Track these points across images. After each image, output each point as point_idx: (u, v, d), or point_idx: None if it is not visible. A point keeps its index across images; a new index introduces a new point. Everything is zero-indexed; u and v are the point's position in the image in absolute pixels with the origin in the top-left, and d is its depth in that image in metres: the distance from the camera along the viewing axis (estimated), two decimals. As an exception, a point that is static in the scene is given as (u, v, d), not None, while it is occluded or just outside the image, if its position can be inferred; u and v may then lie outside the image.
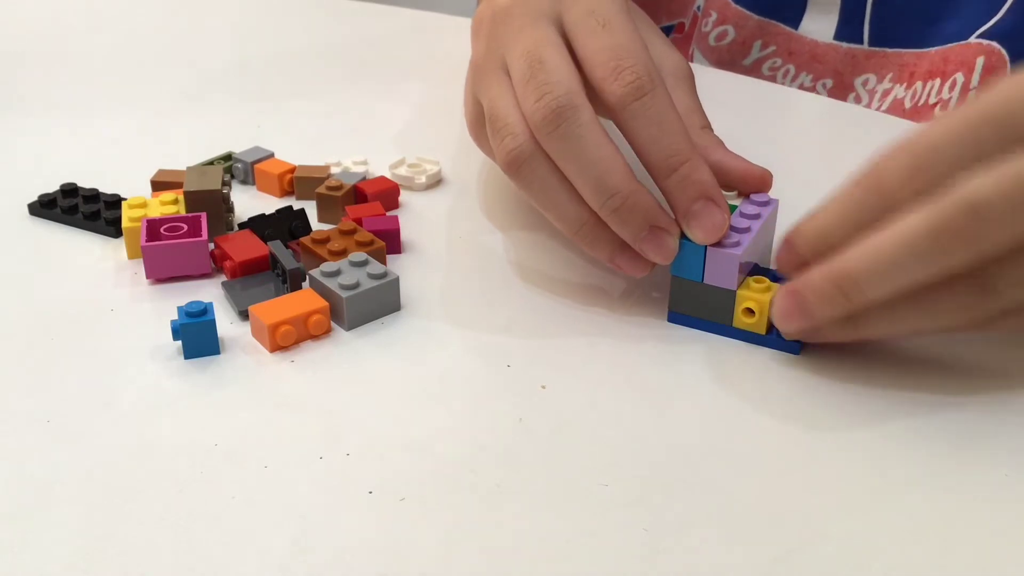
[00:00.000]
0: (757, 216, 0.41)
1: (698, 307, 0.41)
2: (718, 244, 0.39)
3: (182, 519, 0.32)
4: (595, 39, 0.41)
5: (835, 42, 0.67)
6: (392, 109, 0.64)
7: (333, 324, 0.42)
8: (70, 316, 0.43)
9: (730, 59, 0.72)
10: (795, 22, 0.69)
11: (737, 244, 0.39)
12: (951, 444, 0.36)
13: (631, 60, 0.39)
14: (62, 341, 0.41)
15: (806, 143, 0.61)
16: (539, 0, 0.43)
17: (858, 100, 0.67)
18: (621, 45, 0.40)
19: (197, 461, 0.35)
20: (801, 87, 0.69)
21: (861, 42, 0.66)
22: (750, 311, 0.40)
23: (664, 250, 0.40)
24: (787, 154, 0.55)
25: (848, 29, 0.67)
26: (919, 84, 0.63)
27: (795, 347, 0.40)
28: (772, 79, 0.70)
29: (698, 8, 0.75)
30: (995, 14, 0.59)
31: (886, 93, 0.65)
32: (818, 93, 0.68)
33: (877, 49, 0.66)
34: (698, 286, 0.40)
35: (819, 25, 0.68)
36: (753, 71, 0.71)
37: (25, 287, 0.45)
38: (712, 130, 0.44)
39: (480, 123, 0.45)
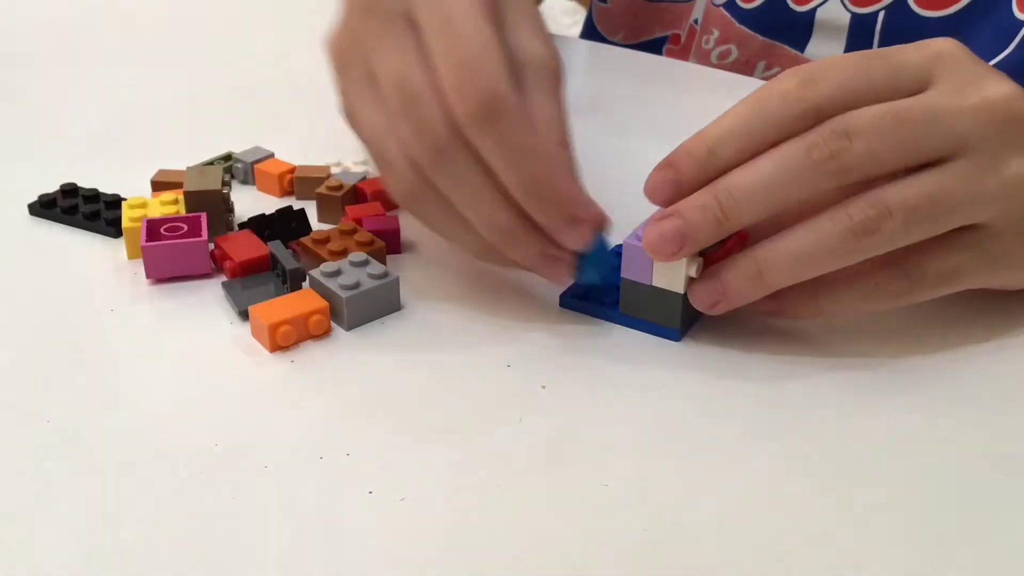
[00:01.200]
0: None
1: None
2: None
3: (182, 519, 0.32)
4: (440, 43, 0.37)
5: None
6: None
7: (333, 324, 0.42)
8: (70, 316, 0.43)
9: None
10: (801, 45, 0.69)
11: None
12: (951, 444, 0.36)
13: (476, 75, 0.36)
14: (62, 341, 0.41)
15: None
16: None
17: None
18: (467, 55, 0.37)
19: (197, 461, 0.35)
20: None
21: None
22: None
23: (558, 274, 0.40)
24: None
25: None
26: None
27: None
28: None
29: (696, 21, 0.74)
30: (1005, 48, 0.59)
31: None
32: None
33: None
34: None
35: (825, 50, 0.67)
36: None
37: (25, 287, 0.45)
38: (569, 146, 0.40)
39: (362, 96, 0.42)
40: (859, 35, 0.66)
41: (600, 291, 0.43)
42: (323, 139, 0.59)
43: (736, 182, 0.37)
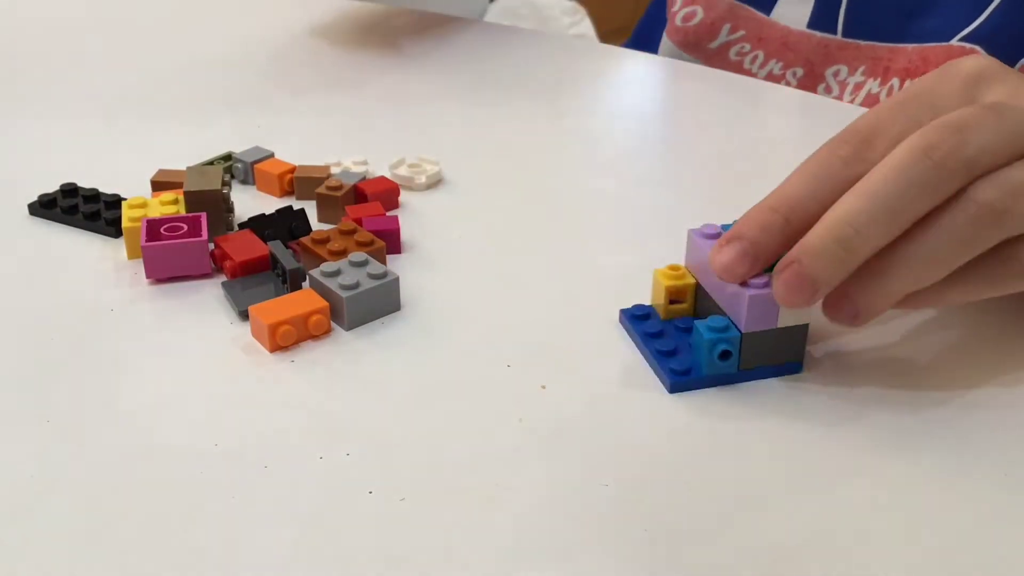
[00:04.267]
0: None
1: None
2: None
3: (182, 519, 0.32)
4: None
5: (808, 30, 0.66)
6: (392, 109, 0.64)
7: (333, 324, 0.42)
8: (70, 316, 0.43)
9: (696, 41, 0.71)
10: (768, 8, 0.68)
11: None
12: (952, 443, 0.36)
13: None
14: (62, 341, 0.41)
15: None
16: None
17: (828, 91, 0.66)
18: None
19: (197, 461, 0.35)
20: (770, 75, 0.68)
21: (835, 32, 0.66)
22: (677, 301, 0.40)
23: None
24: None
25: (823, 18, 0.66)
26: (895, 81, 0.62)
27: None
28: (739, 64, 0.69)
29: None
30: (978, 16, 0.59)
31: (858, 86, 0.65)
32: (787, 81, 0.67)
33: (851, 40, 0.65)
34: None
35: (793, 12, 0.67)
36: (719, 55, 0.70)
37: (25, 287, 0.45)
38: None
39: None
40: (825, 6, 0.65)
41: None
42: (323, 139, 0.59)
43: (851, 210, 0.35)
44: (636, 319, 0.40)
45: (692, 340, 0.38)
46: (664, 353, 0.39)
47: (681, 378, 0.38)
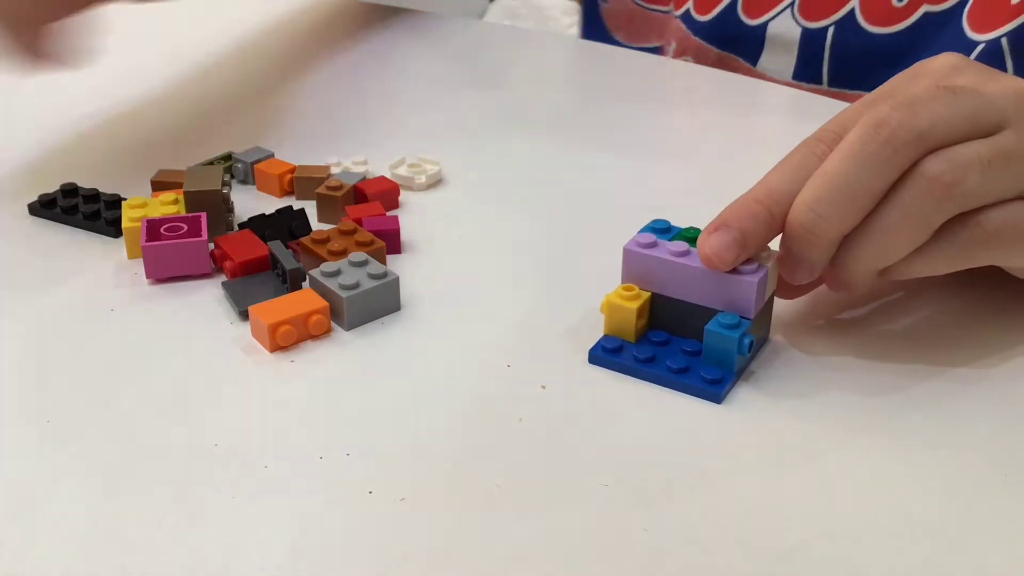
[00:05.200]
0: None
1: None
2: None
3: (182, 519, 0.32)
4: None
5: (795, 81, 0.68)
6: (392, 109, 0.64)
7: (333, 324, 0.42)
8: (70, 316, 0.43)
9: None
10: (754, 58, 0.69)
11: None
12: (952, 443, 0.36)
13: None
14: (62, 341, 0.41)
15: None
16: None
17: None
18: None
19: (197, 461, 0.35)
20: None
21: (820, 83, 0.67)
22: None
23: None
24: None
25: (807, 69, 0.67)
26: None
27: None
28: None
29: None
30: None
31: None
32: None
33: (837, 90, 0.66)
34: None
35: (777, 63, 0.68)
36: None
37: (25, 287, 0.45)
38: None
39: None
40: (810, 50, 0.67)
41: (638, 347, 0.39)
42: (323, 139, 0.59)
43: (811, 196, 0.37)
44: (613, 352, 0.39)
45: (706, 344, 0.38)
46: (679, 372, 0.38)
47: (722, 387, 0.37)
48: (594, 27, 0.80)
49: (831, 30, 0.65)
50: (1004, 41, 0.59)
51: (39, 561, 0.31)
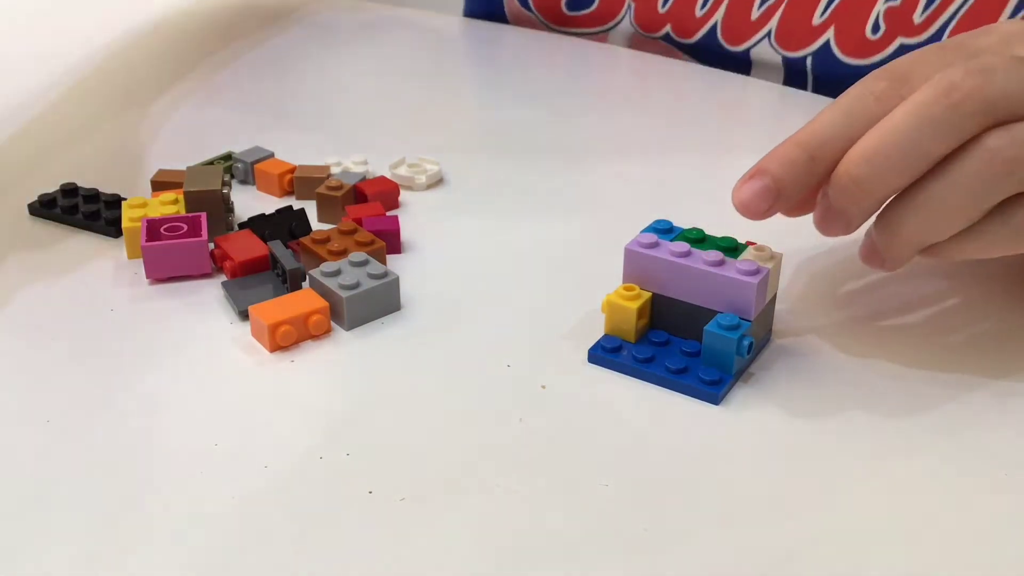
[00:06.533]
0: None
1: None
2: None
3: (182, 519, 0.32)
4: None
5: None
6: (392, 109, 0.64)
7: (333, 324, 0.42)
8: (70, 316, 0.43)
9: None
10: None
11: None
12: (951, 442, 0.36)
13: None
14: (62, 341, 0.41)
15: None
16: None
17: None
18: None
19: (197, 461, 0.35)
20: None
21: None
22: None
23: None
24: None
25: (796, 87, 0.67)
26: None
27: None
28: None
29: None
30: None
31: None
32: None
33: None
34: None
35: (766, 83, 0.68)
36: None
37: (25, 287, 0.45)
38: None
39: None
40: (794, 74, 0.67)
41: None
42: (323, 139, 0.59)
43: (867, 148, 0.35)
44: (612, 352, 0.39)
45: (706, 345, 0.38)
46: (677, 372, 0.38)
47: (720, 388, 0.37)
48: None
49: (809, 60, 0.65)
50: None
51: (39, 561, 0.31)
